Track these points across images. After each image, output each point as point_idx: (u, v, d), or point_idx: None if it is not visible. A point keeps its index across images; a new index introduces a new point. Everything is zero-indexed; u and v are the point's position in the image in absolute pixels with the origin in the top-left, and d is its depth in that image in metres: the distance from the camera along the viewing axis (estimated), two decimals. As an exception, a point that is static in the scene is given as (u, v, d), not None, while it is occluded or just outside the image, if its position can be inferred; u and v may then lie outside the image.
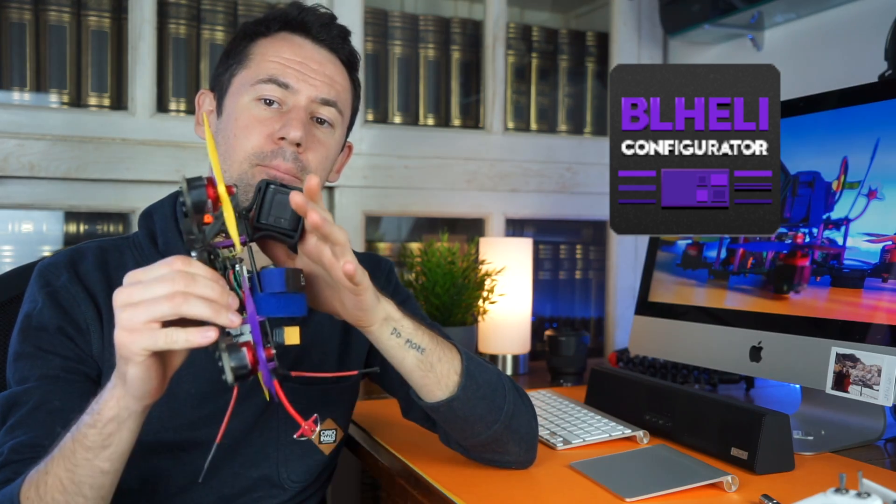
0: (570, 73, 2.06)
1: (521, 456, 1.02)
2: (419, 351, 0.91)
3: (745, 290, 1.33)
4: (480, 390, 0.95)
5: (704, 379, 1.57)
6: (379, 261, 1.21)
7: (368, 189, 1.80)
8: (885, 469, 1.07)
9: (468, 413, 0.95)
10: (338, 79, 1.07)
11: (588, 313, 2.10)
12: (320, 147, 1.04)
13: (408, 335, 0.91)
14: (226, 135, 1.03)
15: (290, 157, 1.00)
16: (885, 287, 1.11)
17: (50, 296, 0.98)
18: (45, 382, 0.94)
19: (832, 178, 1.23)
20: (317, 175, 0.92)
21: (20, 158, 1.54)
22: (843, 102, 1.24)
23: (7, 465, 0.88)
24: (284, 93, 1.02)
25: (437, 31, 1.92)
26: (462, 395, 0.93)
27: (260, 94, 1.02)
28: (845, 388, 1.10)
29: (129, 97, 1.65)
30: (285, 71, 1.02)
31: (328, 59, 1.06)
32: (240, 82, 1.04)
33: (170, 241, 1.03)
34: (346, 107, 1.09)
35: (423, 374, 0.92)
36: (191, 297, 0.72)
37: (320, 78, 1.04)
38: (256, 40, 1.06)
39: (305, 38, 1.06)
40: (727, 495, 0.95)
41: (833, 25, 1.62)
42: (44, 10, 1.62)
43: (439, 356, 0.93)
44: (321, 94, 1.03)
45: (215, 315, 0.72)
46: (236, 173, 1.01)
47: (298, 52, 1.04)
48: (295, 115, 1.01)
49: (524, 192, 1.93)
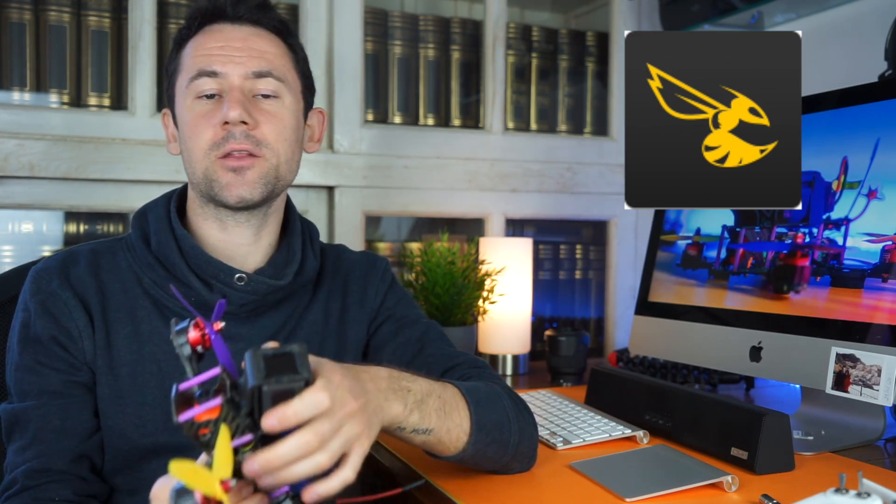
0: (570, 73, 2.06)
1: (522, 468, 1.04)
2: (427, 434, 0.90)
3: (746, 290, 1.33)
4: (490, 436, 0.95)
5: (704, 379, 1.57)
6: (375, 260, 1.20)
7: (368, 189, 1.79)
8: (885, 469, 1.07)
9: (478, 460, 0.97)
10: (268, 48, 1.04)
11: (588, 313, 2.10)
12: (272, 119, 1.02)
13: (413, 426, 0.88)
14: (184, 141, 1.04)
15: (240, 136, 0.99)
16: (885, 287, 1.11)
17: (41, 304, 0.99)
18: (45, 399, 0.97)
19: (832, 178, 1.23)
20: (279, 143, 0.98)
21: (20, 158, 1.54)
22: (843, 102, 1.24)
23: (25, 490, 0.93)
24: (217, 81, 1.01)
25: (437, 31, 1.92)
26: (472, 449, 0.94)
27: (197, 91, 1.01)
28: (845, 388, 1.10)
29: (129, 97, 1.64)
30: (210, 60, 1.01)
31: (251, 34, 1.04)
32: (179, 88, 1.04)
33: (163, 242, 1.02)
34: (286, 73, 1.05)
35: (432, 446, 0.93)
36: None
37: (246, 53, 1.02)
38: (184, 45, 1.05)
39: (224, 23, 1.04)
40: (727, 495, 0.95)
41: (833, 25, 1.62)
42: (44, 10, 1.62)
43: (448, 427, 0.91)
44: (251, 68, 1.02)
45: None
46: (202, 172, 1.01)
47: (219, 37, 1.03)
48: (231, 96, 1.00)
49: (524, 192, 1.93)
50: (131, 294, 1.02)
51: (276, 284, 1.04)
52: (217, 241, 1.06)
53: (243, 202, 1.01)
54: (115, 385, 0.99)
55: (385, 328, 1.15)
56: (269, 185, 1.02)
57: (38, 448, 0.95)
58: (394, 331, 1.14)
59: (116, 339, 1.00)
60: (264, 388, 0.69)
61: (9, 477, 0.95)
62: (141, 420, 0.99)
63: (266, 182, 1.02)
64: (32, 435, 0.96)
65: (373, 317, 1.16)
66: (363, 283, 1.16)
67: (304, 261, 1.09)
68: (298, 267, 1.08)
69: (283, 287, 1.05)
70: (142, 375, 1.00)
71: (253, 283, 1.02)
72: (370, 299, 1.16)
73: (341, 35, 1.76)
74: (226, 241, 1.06)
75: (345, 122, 1.77)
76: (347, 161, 1.77)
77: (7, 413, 0.98)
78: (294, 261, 1.08)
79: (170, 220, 1.04)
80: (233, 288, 1.02)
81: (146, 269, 1.03)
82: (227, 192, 1.00)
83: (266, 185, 1.02)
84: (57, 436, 0.96)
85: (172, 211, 1.05)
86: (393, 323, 1.15)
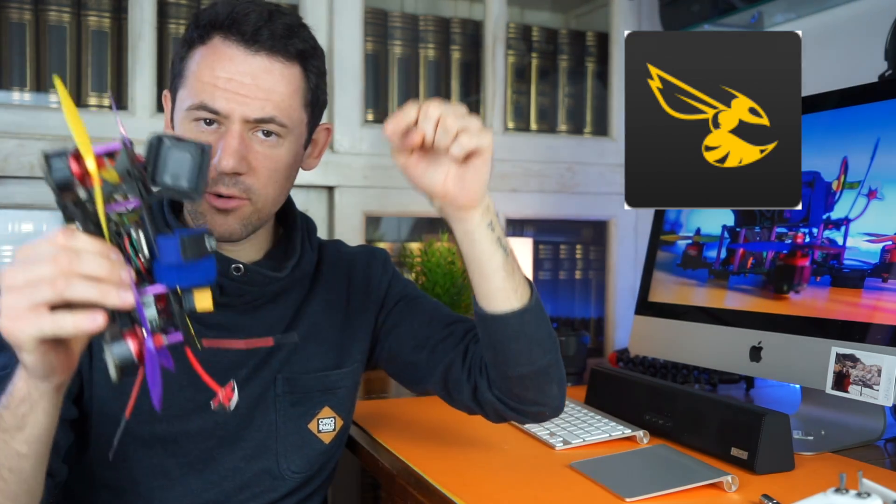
0: (570, 73, 2.06)
1: (557, 399, 1.02)
2: (506, 252, 0.91)
3: (745, 290, 1.33)
4: (543, 313, 0.97)
5: (704, 379, 1.57)
6: (373, 252, 1.21)
7: (368, 189, 1.79)
8: (885, 469, 1.07)
9: (534, 331, 0.95)
10: (277, 88, 0.98)
11: (588, 313, 2.10)
12: (267, 163, 0.99)
13: (499, 233, 0.91)
14: None
15: (230, 183, 0.98)
16: (885, 287, 1.11)
17: None
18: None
19: (832, 178, 1.23)
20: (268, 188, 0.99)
21: (20, 158, 1.54)
22: (843, 102, 1.24)
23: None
24: (217, 116, 0.97)
25: (437, 31, 1.92)
26: (534, 308, 0.94)
27: (196, 116, 0.98)
28: (845, 388, 1.10)
29: (129, 97, 1.64)
30: (214, 94, 0.96)
31: (263, 68, 0.97)
32: (180, 101, 1.01)
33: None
34: (291, 113, 1.01)
35: (506, 275, 0.92)
36: (74, 278, 0.65)
37: (252, 94, 0.96)
38: (192, 51, 1.00)
39: (238, 46, 0.97)
40: (727, 495, 0.95)
41: (833, 25, 1.62)
42: (44, 10, 1.62)
43: (514, 267, 0.94)
44: (254, 114, 0.97)
45: (103, 297, 0.66)
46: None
47: (228, 66, 0.96)
48: (226, 141, 0.96)
49: (524, 192, 1.93)
50: None
51: (273, 276, 1.04)
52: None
53: (226, 239, 1.02)
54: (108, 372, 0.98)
55: (398, 308, 1.16)
56: (252, 225, 1.03)
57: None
58: (407, 309, 1.15)
59: None
60: (165, 141, 0.70)
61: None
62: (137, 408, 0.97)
63: (248, 223, 1.02)
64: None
65: (380, 304, 1.16)
66: (366, 273, 1.17)
67: (301, 254, 1.10)
68: (297, 261, 1.08)
69: (280, 279, 1.05)
70: None
71: (250, 274, 1.03)
72: (375, 289, 1.16)
73: (341, 35, 1.76)
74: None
75: (345, 122, 1.76)
76: (347, 161, 1.77)
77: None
78: (293, 255, 1.08)
79: (164, 215, 1.04)
80: (230, 278, 1.02)
81: None
82: (211, 225, 1.00)
83: (248, 226, 1.02)
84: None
85: (166, 207, 1.04)
86: (406, 302, 1.16)
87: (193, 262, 0.69)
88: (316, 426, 1.10)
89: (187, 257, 0.69)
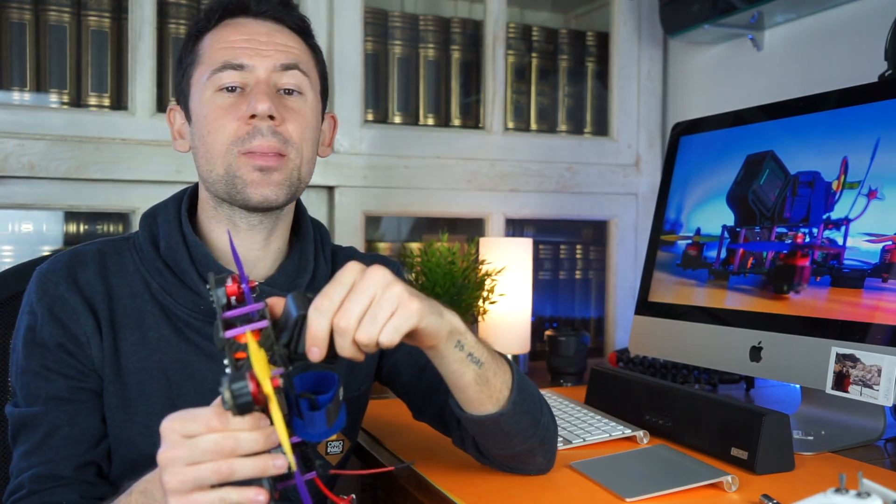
0: (570, 73, 2.06)
1: (543, 465, 1.01)
2: (478, 366, 0.87)
3: (745, 290, 1.33)
4: (526, 404, 0.93)
5: (704, 379, 1.57)
6: (387, 264, 1.17)
7: (368, 189, 1.79)
8: (885, 469, 1.07)
9: (512, 427, 0.93)
10: (291, 44, 1.03)
11: (588, 313, 2.10)
12: (296, 116, 1.01)
13: (470, 348, 0.86)
14: (201, 136, 1.01)
15: (267, 133, 0.98)
16: (885, 287, 1.11)
17: (49, 308, 0.97)
18: (53, 405, 0.96)
19: (832, 178, 1.23)
20: (303, 142, 0.98)
21: (20, 158, 1.54)
22: (843, 102, 1.24)
23: (32, 494, 0.92)
24: (242, 74, 0.99)
25: (437, 31, 1.92)
26: (511, 409, 0.91)
27: (219, 84, 0.99)
28: (845, 388, 1.10)
29: (129, 97, 1.64)
30: (236, 53, 0.99)
31: (275, 30, 1.03)
32: (197, 80, 1.02)
33: (172, 247, 1.00)
34: (309, 69, 1.05)
35: (479, 388, 0.89)
36: (236, 464, 0.70)
37: (272, 47, 1.01)
38: (202, 37, 1.03)
39: (247, 18, 1.03)
40: (727, 495, 0.95)
41: (833, 25, 1.62)
42: (44, 10, 1.62)
43: (494, 370, 0.89)
44: (278, 61, 1.01)
45: (264, 472, 0.71)
46: (223, 168, 0.99)
47: (243, 31, 1.01)
48: (257, 89, 0.98)
49: (524, 192, 1.93)
50: (139, 299, 1.00)
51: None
52: (227, 246, 1.03)
53: (266, 203, 0.99)
54: (122, 393, 0.97)
55: None
56: (293, 188, 1.01)
57: (46, 454, 0.94)
58: None
59: (124, 345, 0.98)
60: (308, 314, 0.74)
61: (15, 481, 0.94)
62: (149, 429, 0.96)
63: (290, 184, 1.01)
64: (40, 440, 0.95)
65: None
66: None
67: (316, 269, 1.08)
68: (311, 277, 1.06)
69: None
70: (149, 384, 0.98)
71: (265, 294, 0.99)
72: None
73: (341, 35, 1.76)
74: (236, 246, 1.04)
75: (345, 122, 1.76)
76: (347, 161, 1.77)
77: (14, 417, 0.97)
78: (307, 270, 1.06)
79: (180, 223, 1.02)
80: None
81: (154, 274, 1.00)
82: (252, 190, 0.98)
83: (290, 187, 1.01)
84: (65, 442, 0.95)
85: (184, 214, 1.03)
86: None
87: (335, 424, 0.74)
88: (324, 448, 1.08)
89: (331, 424, 0.73)
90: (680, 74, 2.05)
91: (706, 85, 1.96)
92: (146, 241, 1.02)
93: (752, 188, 1.35)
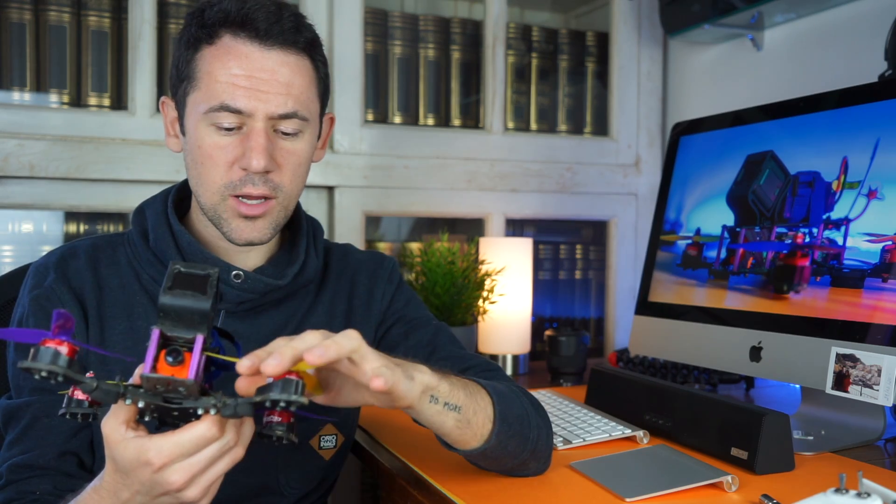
0: (570, 73, 2.06)
1: (539, 469, 1.02)
2: (457, 411, 0.87)
3: (745, 290, 1.33)
4: (511, 429, 0.93)
5: (704, 379, 1.57)
6: (382, 260, 1.19)
7: (368, 189, 1.80)
8: (885, 469, 1.07)
9: (500, 453, 0.94)
10: (296, 81, 0.98)
11: (588, 313, 2.10)
12: (291, 158, 1.00)
13: (445, 398, 0.86)
14: (193, 160, 1.00)
15: (259, 182, 0.97)
16: (885, 287, 1.11)
17: (35, 300, 0.99)
18: (38, 396, 0.97)
19: (832, 178, 1.23)
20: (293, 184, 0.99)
21: (20, 158, 1.54)
22: (843, 102, 1.24)
23: (9, 484, 0.94)
24: (239, 117, 0.96)
25: (437, 31, 1.92)
26: (496, 440, 0.91)
27: (216, 123, 0.96)
28: (845, 388, 1.10)
29: (129, 97, 1.65)
30: (234, 93, 0.95)
31: (280, 62, 0.97)
32: (193, 105, 0.98)
33: (160, 238, 1.02)
34: (310, 105, 1.01)
35: (461, 431, 0.89)
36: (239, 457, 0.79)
37: (274, 90, 0.96)
38: (201, 50, 0.97)
39: (252, 43, 0.96)
40: (727, 495, 0.95)
41: (833, 25, 1.62)
42: (44, 10, 1.62)
43: (474, 409, 0.89)
44: (278, 110, 0.96)
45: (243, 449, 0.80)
46: (210, 203, 0.99)
47: (245, 64, 0.95)
48: (255, 141, 0.96)
49: (524, 192, 1.93)
50: (129, 290, 1.02)
51: (275, 284, 1.03)
52: (217, 239, 1.04)
53: (250, 243, 1.01)
54: None
55: (395, 331, 1.14)
56: (279, 225, 1.02)
57: (26, 444, 0.96)
58: (404, 333, 1.13)
59: (111, 334, 1.00)
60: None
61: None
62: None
63: (276, 224, 1.02)
64: (21, 430, 0.96)
65: (380, 319, 1.15)
66: (370, 284, 1.15)
67: (306, 261, 1.08)
68: (300, 268, 1.07)
69: (281, 287, 1.05)
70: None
71: (250, 282, 1.02)
72: (377, 301, 1.14)
73: (341, 35, 1.76)
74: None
75: (345, 122, 1.77)
76: (347, 161, 1.77)
77: (3, 409, 0.99)
78: (297, 261, 1.07)
79: (167, 216, 1.03)
80: (229, 285, 1.01)
81: (145, 265, 1.03)
82: (236, 235, 1.00)
83: (276, 226, 1.02)
84: (44, 432, 0.96)
85: (170, 206, 1.04)
86: (403, 325, 1.14)
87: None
88: (317, 442, 1.09)
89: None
90: (680, 74, 2.05)
91: (706, 85, 1.96)
92: (137, 234, 1.04)
93: (752, 188, 1.36)
